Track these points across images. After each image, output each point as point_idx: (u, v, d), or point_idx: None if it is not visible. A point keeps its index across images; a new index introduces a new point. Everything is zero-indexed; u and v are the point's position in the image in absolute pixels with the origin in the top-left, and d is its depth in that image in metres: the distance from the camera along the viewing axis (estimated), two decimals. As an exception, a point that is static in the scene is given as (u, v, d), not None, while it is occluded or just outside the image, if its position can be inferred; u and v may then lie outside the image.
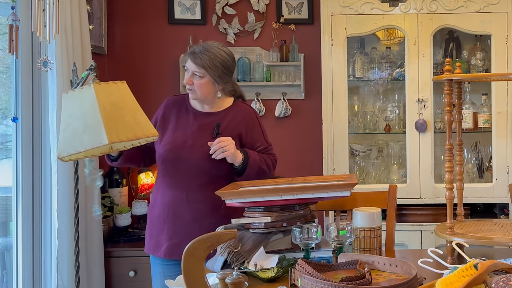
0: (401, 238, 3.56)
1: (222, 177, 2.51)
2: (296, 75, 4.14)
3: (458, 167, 2.42)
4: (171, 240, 2.51)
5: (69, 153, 2.16)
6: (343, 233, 2.10)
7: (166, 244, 2.52)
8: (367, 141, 4.07)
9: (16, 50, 2.70)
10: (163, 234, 2.54)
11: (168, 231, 2.53)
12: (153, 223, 2.59)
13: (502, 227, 2.32)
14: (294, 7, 4.19)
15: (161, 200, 2.57)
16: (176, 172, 2.53)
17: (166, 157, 2.54)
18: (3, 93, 3.43)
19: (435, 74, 3.74)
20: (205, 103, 2.61)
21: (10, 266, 3.25)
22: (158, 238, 2.55)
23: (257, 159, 2.54)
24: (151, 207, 2.64)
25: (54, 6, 2.71)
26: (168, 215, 2.53)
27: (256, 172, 2.53)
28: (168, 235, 2.52)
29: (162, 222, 2.55)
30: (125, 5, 4.21)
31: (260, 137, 2.64)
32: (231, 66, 2.58)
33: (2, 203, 3.38)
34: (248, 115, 2.64)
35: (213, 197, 2.32)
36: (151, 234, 2.59)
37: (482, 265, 1.49)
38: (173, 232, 2.52)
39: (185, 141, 2.51)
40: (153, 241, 2.57)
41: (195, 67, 2.50)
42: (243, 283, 1.69)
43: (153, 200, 2.64)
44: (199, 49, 2.52)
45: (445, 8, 3.67)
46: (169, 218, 2.53)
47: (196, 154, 2.50)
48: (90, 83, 2.18)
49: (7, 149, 3.33)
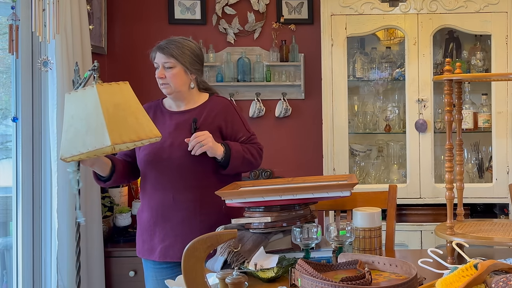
0: (401, 238, 3.56)
1: (207, 174, 2.48)
2: (296, 75, 4.14)
3: (458, 167, 2.42)
4: (163, 242, 2.49)
5: (72, 154, 2.16)
6: (343, 233, 2.10)
7: (159, 246, 2.50)
8: (367, 141, 4.07)
9: (16, 50, 2.70)
10: (155, 237, 2.52)
11: (159, 234, 2.50)
12: (143, 228, 2.56)
13: (502, 227, 2.32)
14: (294, 7, 4.19)
15: (148, 204, 2.54)
16: (160, 174, 2.50)
17: (147, 160, 2.50)
18: (3, 93, 3.43)
19: (435, 74, 3.74)
20: (179, 98, 2.57)
21: (10, 266, 3.25)
22: (151, 242, 2.53)
23: (239, 150, 2.50)
24: (140, 212, 2.60)
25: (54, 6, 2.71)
26: (157, 218, 2.51)
27: (241, 163, 2.50)
28: (159, 238, 2.50)
29: (153, 225, 2.52)
30: (125, 5, 4.22)
31: (241, 127, 2.60)
32: (200, 54, 2.57)
33: (2, 203, 3.38)
34: (225, 107, 2.59)
35: (201, 194, 2.32)
36: (143, 239, 2.56)
37: (482, 265, 1.49)
38: (164, 235, 2.49)
39: (164, 142, 2.45)
40: (146, 246, 2.55)
41: (164, 58, 2.48)
42: (243, 283, 1.69)
43: (140, 206, 2.61)
44: (164, 42, 2.52)
45: (445, 8, 3.67)
46: (159, 221, 2.50)
47: (176, 153, 2.47)
48: (93, 83, 2.17)
49: (7, 149, 3.33)
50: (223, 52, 4.18)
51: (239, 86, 4.15)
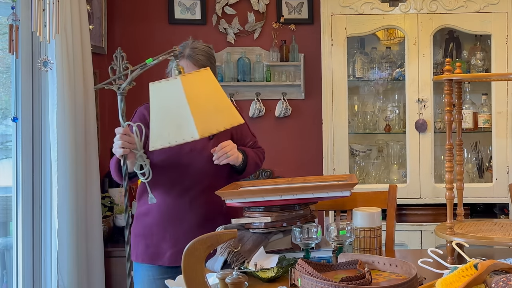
0: (401, 238, 3.56)
1: (222, 178, 2.50)
2: (296, 75, 4.14)
3: (458, 167, 2.42)
4: (175, 247, 2.43)
5: (162, 146, 2.13)
6: (343, 233, 2.10)
7: (170, 251, 2.45)
8: (367, 141, 4.07)
9: (16, 50, 2.71)
10: (164, 241, 2.46)
11: (170, 238, 2.45)
12: (149, 232, 2.49)
13: (502, 227, 2.32)
14: (294, 7, 4.19)
15: (158, 208, 2.48)
16: (177, 178, 2.47)
17: (163, 165, 2.45)
18: (3, 93, 3.43)
19: (435, 74, 3.74)
20: None
21: (10, 266, 3.25)
22: (159, 247, 2.47)
23: (253, 156, 2.56)
24: (143, 215, 2.52)
25: (54, 6, 2.71)
26: (169, 222, 2.47)
27: (253, 168, 2.56)
28: (171, 242, 2.45)
29: (162, 230, 2.47)
30: (125, 5, 4.22)
31: (247, 132, 2.63)
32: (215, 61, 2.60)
33: (2, 203, 3.38)
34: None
35: (216, 199, 2.30)
36: (147, 243, 2.49)
37: (482, 265, 1.49)
38: (176, 239, 2.44)
39: (181, 147, 2.36)
40: (151, 250, 2.49)
41: (194, 68, 2.44)
42: (243, 283, 1.69)
43: (144, 209, 2.52)
44: (190, 50, 2.49)
45: (445, 8, 3.67)
46: (170, 225, 2.46)
47: (197, 159, 2.47)
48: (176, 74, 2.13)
49: (7, 149, 3.33)
50: (223, 52, 4.18)
51: (239, 86, 4.15)
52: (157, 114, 2.14)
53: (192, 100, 2.06)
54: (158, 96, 2.15)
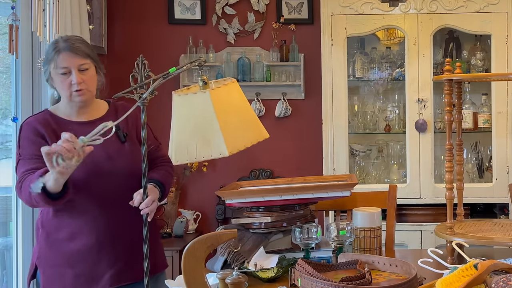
0: (401, 238, 3.56)
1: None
2: (296, 75, 4.14)
3: (458, 167, 2.42)
4: (113, 267, 2.19)
5: (189, 160, 2.00)
6: (343, 233, 2.10)
7: (108, 273, 2.18)
8: (367, 141, 4.07)
9: (16, 50, 2.71)
10: (100, 265, 2.18)
11: (108, 259, 2.18)
12: (78, 259, 2.17)
13: (502, 227, 2.32)
14: (294, 7, 4.19)
15: (91, 229, 2.17)
16: (103, 190, 2.18)
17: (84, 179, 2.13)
18: (3, 93, 3.43)
19: (435, 74, 3.74)
20: (88, 105, 2.25)
21: (10, 266, 3.25)
22: (93, 273, 2.18)
23: (169, 182, 2.34)
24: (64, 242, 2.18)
25: (54, 6, 2.71)
26: (104, 242, 2.18)
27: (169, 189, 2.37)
28: (107, 263, 2.18)
29: (96, 252, 2.17)
30: (125, 5, 4.21)
31: (150, 135, 2.33)
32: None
33: (2, 203, 3.38)
34: (135, 113, 2.11)
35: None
36: (77, 273, 2.17)
37: (482, 265, 1.49)
38: (114, 259, 2.19)
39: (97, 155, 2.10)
40: (83, 279, 2.17)
41: (80, 60, 2.15)
42: (243, 283, 1.69)
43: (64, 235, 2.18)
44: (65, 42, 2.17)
45: (445, 8, 3.67)
46: (105, 245, 2.18)
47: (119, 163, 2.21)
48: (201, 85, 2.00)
49: (7, 149, 3.33)
50: (223, 52, 4.18)
51: (239, 86, 4.14)
52: (181, 127, 1.99)
53: (221, 115, 1.94)
54: (184, 107, 2.00)
